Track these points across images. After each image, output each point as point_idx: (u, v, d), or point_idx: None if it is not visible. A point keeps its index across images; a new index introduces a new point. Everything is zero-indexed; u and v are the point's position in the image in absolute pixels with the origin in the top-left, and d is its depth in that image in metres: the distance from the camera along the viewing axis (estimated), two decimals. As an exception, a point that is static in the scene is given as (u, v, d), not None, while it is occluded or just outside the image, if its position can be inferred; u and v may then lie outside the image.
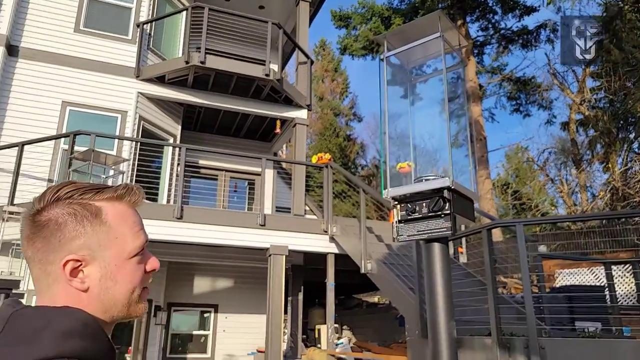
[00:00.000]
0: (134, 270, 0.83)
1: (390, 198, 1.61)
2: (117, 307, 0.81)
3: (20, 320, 0.72)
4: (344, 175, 9.60)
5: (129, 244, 0.83)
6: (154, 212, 7.17)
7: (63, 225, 0.79)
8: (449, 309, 1.55)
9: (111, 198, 0.84)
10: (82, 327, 0.74)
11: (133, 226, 0.85)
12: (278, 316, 7.29)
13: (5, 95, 7.96)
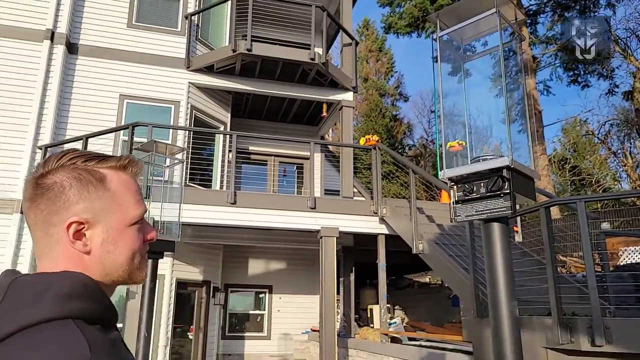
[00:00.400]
0: (134, 237, 0.86)
1: (447, 179, 1.61)
2: (117, 271, 0.83)
3: (20, 287, 0.73)
4: (392, 156, 9.53)
5: (131, 211, 0.86)
6: (208, 198, 7.45)
7: (68, 188, 0.81)
8: (510, 289, 1.55)
9: (115, 167, 0.87)
10: (82, 289, 0.75)
11: (134, 195, 0.88)
12: (330, 297, 7.43)
13: (68, 92, 8.43)
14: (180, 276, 8.31)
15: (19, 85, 8.02)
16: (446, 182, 1.62)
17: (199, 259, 8.82)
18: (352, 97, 10.04)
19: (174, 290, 8.08)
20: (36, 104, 7.94)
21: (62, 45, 8.36)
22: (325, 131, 12.52)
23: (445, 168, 1.62)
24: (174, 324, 8.07)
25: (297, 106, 10.96)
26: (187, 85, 9.04)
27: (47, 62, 8.18)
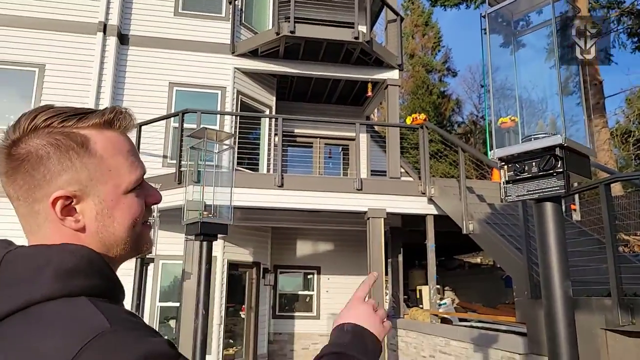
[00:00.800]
0: (133, 204, 0.75)
1: (497, 159, 1.56)
2: (119, 244, 0.74)
3: (16, 260, 0.66)
4: (440, 134, 9.32)
5: (124, 177, 0.74)
6: (256, 182, 7.60)
7: (46, 159, 0.69)
8: (563, 269, 1.49)
9: (98, 125, 0.73)
10: (87, 265, 0.68)
11: (128, 156, 0.75)
12: (379, 277, 7.45)
13: (121, 82, 8.78)
14: (231, 258, 8.57)
15: (77, 78, 8.43)
16: (496, 162, 1.57)
17: (248, 241, 9.06)
18: (397, 75, 9.84)
19: (226, 272, 8.36)
20: (93, 95, 8.33)
21: (114, 37, 8.69)
22: (370, 111, 12.38)
23: (495, 147, 1.57)
24: (227, 303, 8.38)
25: (342, 87, 10.88)
26: (233, 70, 9.17)
27: (101, 54, 8.54)
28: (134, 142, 0.81)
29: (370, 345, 0.88)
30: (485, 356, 5.93)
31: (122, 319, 0.63)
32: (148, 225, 0.81)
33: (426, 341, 7.55)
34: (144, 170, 0.78)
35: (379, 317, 0.94)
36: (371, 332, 0.90)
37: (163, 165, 8.34)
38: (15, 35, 8.44)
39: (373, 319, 0.92)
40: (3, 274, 0.65)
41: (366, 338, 0.88)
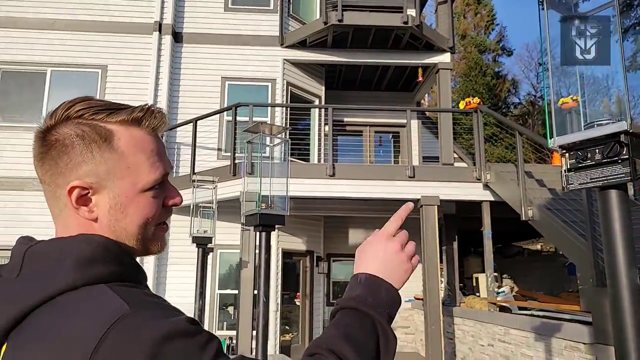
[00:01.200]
0: (148, 204, 0.76)
1: (557, 147, 1.52)
2: (130, 240, 0.75)
3: (37, 255, 0.69)
4: (496, 118, 9.01)
5: (143, 176, 0.75)
6: (308, 172, 7.69)
7: (70, 148, 0.72)
8: (630, 257, 1.44)
9: (126, 121, 0.75)
10: (104, 252, 0.70)
11: (150, 156, 0.76)
12: (433, 266, 7.37)
13: (177, 79, 9.12)
14: (285, 247, 8.77)
15: (136, 77, 8.84)
16: (556, 149, 1.52)
17: (301, 230, 9.21)
18: (449, 58, 9.59)
19: (280, 260, 8.56)
20: (151, 93, 8.71)
21: (169, 35, 9.02)
22: (421, 96, 12.15)
23: (555, 132, 1.52)
24: (282, 291, 8.59)
25: (391, 73, 10.75)
26: (282, 62, 9.28)
27: (157, 53, 8.90)
28: (162, 143, 0.80)
29: (385, 296, 0.80)
30: (547, 345, 5.75)
31: (141, 301, 0.65)
32: (163, 226, 0.81)
33: (484, 329, 7.41)
34: (166, 171, 0.78)
35: (405, 254, 0.85)
36: (386, 282, 0.81)
37: (218, 158, 8.62)
38: (78, 39, 8.95)
39: (395, 258, 0.84)
40: (25, 269, 0.68)
41: (380, 289, 0.81)
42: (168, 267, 8.34)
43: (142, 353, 0.59)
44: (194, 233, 4.24)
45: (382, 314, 0.78)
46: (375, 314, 0.77)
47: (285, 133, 6.35)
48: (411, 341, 10.52)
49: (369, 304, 0.78)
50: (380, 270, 0.83)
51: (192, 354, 0.62)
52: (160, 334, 0.61)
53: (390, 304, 0.80)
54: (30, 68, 8.82)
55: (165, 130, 0.79)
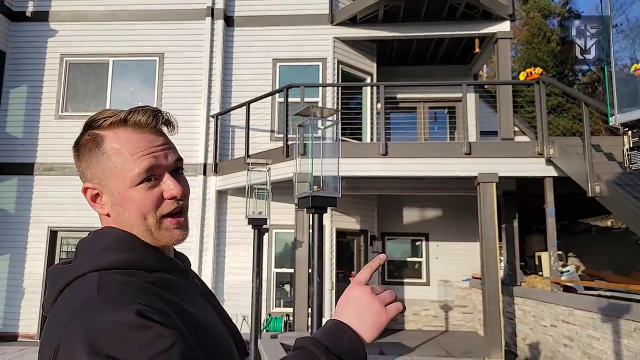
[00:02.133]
0: (142, 197, 0.81)
1: (619, 125, 1.40)
2: (137, 231, 0.83)
3: (80, 247, 0.84)
4: (560, 88, 8.49)
5: (129, 171, 0.81)
6: (360, 151, 7.65)
7: (81, 155, 0.85)
8: None
9: (114, 124, 0.83)
10: (115, 242, 0.81)
11: (134, 152, 0.81)
12: (492, 244, 7.16)
13: (229, 63, 9.28)
14: (339, 226, 8.83)
15: (191, 62, 9.09)
16: (618, 127, 1.40)
17: (355, 209, 9.23)
18: (508, 26, 9.07)
19: (334, 239, 8.64)
20: (205, 77, 8.94)
21: (221, 20, 9.16)
22: (478, 68, 11.64)
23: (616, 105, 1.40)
24: (337, 269, 8.69)
25: (446, 45, 10.36)
26: (332, 40, 9.19)
27: (211, 37, 9.08)
28: (158, 138, 0.85)
29: (346, 344, 0.77)
30: (615, 327, 5.48)
31: (112, 290, 0.74)
32: (174, 218, 0.85)
33: (546, 310, 7.16)
34: (153, 163, 0.82)
35: (377, 300, 0.82)
36: (353, 332, 0.79)
37: (271, 140, 8.75)
38: (137, 28, 9.30)
39: (368, 304, 0.81)
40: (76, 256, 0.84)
41: (343, 336, 0.78)
42: (227, 247, 8.66)
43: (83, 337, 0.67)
44: (250, 215, 4.36)
45: (331, 358, 0.75)
46: (323, 357, 0.75)
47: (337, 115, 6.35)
48: (469, 320, 10.37)
49: (322, 347, 0.76)
50: (351, 316, 0.81)
51: (133, 345, 0.67)
52: (108, 321, 0.68)
53: (349, 353, 0.77)
54: (93, 59, 9.29)
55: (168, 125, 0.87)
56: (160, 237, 0.84)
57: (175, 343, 0.69)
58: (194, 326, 0.77)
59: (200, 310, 0.83)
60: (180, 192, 0.85)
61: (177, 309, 0.77)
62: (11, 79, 9.21)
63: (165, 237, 0.85)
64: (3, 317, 8.45)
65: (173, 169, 0.87)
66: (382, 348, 8.33)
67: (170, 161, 0.86)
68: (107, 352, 0.65)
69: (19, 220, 8.67)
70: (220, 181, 8.57)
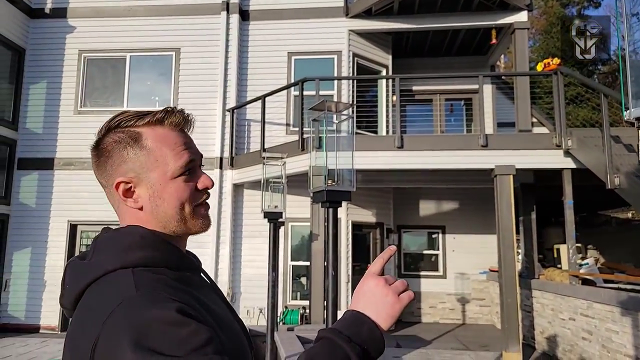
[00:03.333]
0: (180, 188, 0.88)
1: (634, 119, 1.39)
2: (171, 222, 0.88)
3: (100, 244, 0.86)
4: (578, 79, 8.34)
5: (170, 164, 0.88)
6: (376, 144, 7.63)
7: (112, 153, 0.88)
8: None
9: (150, 123, 0.89)
10: (140, 240, 0.84)
11: (174, 147, 0.89)
12: (509, 236, 7.10)
13: (245, 57, 9.31)
14: (355, 219, 8.84)
15: (207, 57, 9.15)
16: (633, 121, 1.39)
17: (370, 202, 9.22)
18: (526, 17, 8.93)
19: (350, 232, 8.66)
20: (221, 72, 8.99)
21: (236, 14, 9.19)
22: (495, 59, 11.48)
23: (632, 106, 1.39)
24: (353, 262, 8.72)
25: (462, 37, 10.24)
26: (347, 33, 9.15)
27: (226, 32, 9.12)
28: (188, 137, 0.93)
29: (366, 333, 0.81)
30: (634, 321, 5.41)
31: (150, 287, 0.77)
32: (204, 206, 0.93)
33: (565, 303, 7.10)
34: (191, 158, 0.90)
35: (391, 290, 0.86)
36: (371, 321, 0.83)
37: (286, 133, 8.78)
38: (153, 23, 9.39)
39: (382, 295, 0.85)
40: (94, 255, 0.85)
41: (363, 325, 0.82)
42: (243, 241, 8.75)
43: (128, 332, 0.70)
44: (265, 208, 4.41)
45: (355, 347, 0.79)
46: (347, 346, 0.78)
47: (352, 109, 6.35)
48: (487, 313, 10.32)
49: (344, 337, 0.80)
50: (367, 307, 0.85)
51: (174, 341, 0.70)
52: (147, 317, 0.72)
53: (370, 342, 0.81)
54: (111, 54, 9.42)
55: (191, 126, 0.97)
56: (194, 225, 0.91)
57: (211, 339, 0.73)
58: (218, 322, 0.81)
59: (217, 307, 0.88)
60: (212, 183, 0.94)
61: (203, 305, 0.82)
62: (31, 75, 9.40)
63: (198, 224, 0.91)
64: (25, 309, 8.69)
65: (200, 164, 0.96)
66: (398, 341, 8.36)
67: (199, 157, 0.94)
68: (150, 346, 0.69)
69: (40, 215, 8.88)
70: (236, 175, 8.65)
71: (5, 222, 8.93)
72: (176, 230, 0.90)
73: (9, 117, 9.15)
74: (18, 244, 8.86)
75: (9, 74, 9.23)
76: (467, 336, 8.92)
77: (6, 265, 8.82)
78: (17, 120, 9.25)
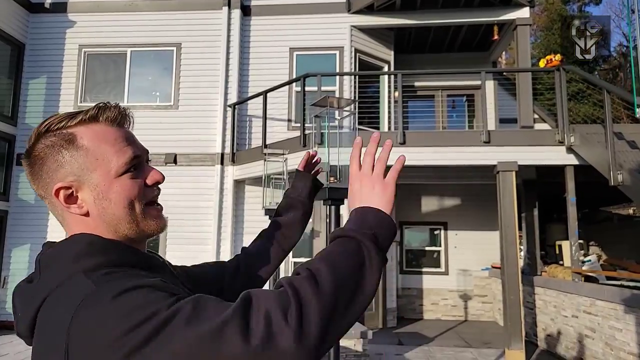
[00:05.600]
0: (128, 185, 0.82)
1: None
2: (122, 224, 0.82)
3: (44, 261, 0.79)
4: (580, 75, 8.30)
5: (113, 161, 0.81)
6: (378, 140, 7.58)
7: (45, 159, 0.81)
8: None
9: (84, 121, 0.83)
10: (87, 247, 0.78)
11: (115, 143, 0.83)
12: (511, 233, 7.08)
13: (247, 52, 9.26)
14: (358, 215, 8.79)
15: (208, 52, 9.10)
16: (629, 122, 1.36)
17: (373, 198, 9.17)
18: (527, 13, 8.87)
19: (353, 228, 8.62)
20: (222, 67, 8.94)
21: (237, 9, 9.14)
22: (497, 55, 11.42)
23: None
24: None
25: (464, 33, 10.18)
26: (349, 28, 9.10)
27: (227, 27, 9.06)
28: (128, 132, 0.87)
29: (373, 219, 0.81)
30: (638, 318, 5.39)
31: (107, 279, 0.72)
32: (156, 207, 0.88)
33: (567, 300, 7.08)
34: (135, 153, 0.85)
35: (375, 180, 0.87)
36: (373, 208, 0.83)
37: (288, 129, 8.74)
38: (154, 18, 9.33)
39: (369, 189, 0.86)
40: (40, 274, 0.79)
41: (367, 214, 0.82)
42: (244, 237, 8.72)
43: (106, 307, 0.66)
44: (267, 205, 4.37)
45: (366, 235, 0.78)
46: (358, 235, 0.78)
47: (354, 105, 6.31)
48: (489, 310, 10.32)
49: (354, 229, 0.79)
50: (364, 201, 0.85)
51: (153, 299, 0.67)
52: (120, 289, 0.68)
53: (378, 225, 0.81)
54: (111, 49, 9.36)
55: (129, 121, 0.90)
56: (147, 226, 0.85)
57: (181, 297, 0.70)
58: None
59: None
60: (162, 177, 0.88)
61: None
62: (30, 70, 9.35)
63: (151, 225, 0.86)
64: (28, 304, 8.67)
65: (146, 159, 0.89)
66: (400, 338, 8.35)
67: (144, 152, 0.88)
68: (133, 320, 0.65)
69: (38, 211, 8.83)
70: (237, 171, 8.61)
71: (3, 219, 8.90)
72: (129, 233, 0.83)
73: (8, 113, 9.11)
74: (17, 241, 8.84)
75: (9, 69, 9.19)
76: (470, 333, 8.91)
77: (4, 262, 8.80)
78: (16, 115, 9.21)
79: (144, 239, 0.88)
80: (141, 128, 8.41)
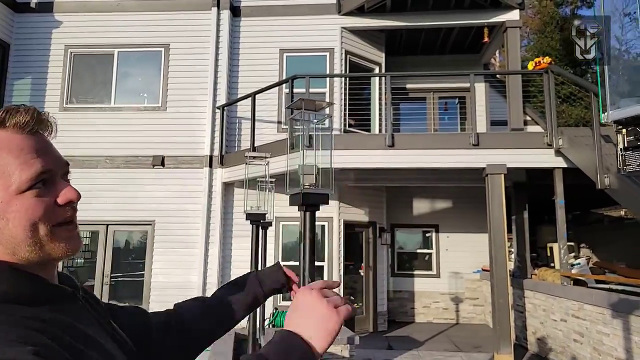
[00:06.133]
0: (31, 205, 0.70)
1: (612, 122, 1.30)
2: (21, 247, 0.71)
3: None
4: (568, 78, 8.28)
5: (14, 176, 0.70)
6: (366, 142, 7.55)
7: None
8: None
9: None
10: None
11: (19, 154, 0.71)
12: (500, 236, 7.04)
13: (236, 53, 9.19)
14: (347, 218, 8.75)
15: (197, 53, 9.02)
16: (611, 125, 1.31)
17: (363, 200, 9.14)
18: (517, 15, 8.86)
19: (342, 231, 8.58)
20: (211, 68, 8.87)
21: (227, 10, 9.07)
22: (488, 57, 11.41)
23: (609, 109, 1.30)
24: (345, 261, 8.64)
25: (455, 35, 10.16)
26: (340, 30, 9.06)
27: (217, 28, 8.99)
28: (43, 140, 0.76)
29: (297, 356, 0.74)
30: (625, 324, 5.35)
31: None
32: (67, 227, 0.76)
33: (557, 304, 7.05)
34: (45, 166, 0.73)
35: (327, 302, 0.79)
36: (305, 342, 0.75)
37: (278, 131, 8.67)
38: (142, 19, 9.24)
39: (318, 307, 0.78)
40: None
41: (293, 352, 0.74)
42: (233, 240, 8.64)
43: None
44: (247, 209, 4.30)
45: None
46: None
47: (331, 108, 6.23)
48: (480, 312, 10.28)
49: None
50: (302, 323, 0.78)
51: None
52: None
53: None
54: (98, 50, 9.26)
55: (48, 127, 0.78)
56: (53, 250, 0.73)
57: None
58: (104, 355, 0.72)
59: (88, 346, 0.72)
60: (77, 196, 0.76)
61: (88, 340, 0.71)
62: (15, 70, 9.22)
63: (59, 249, 0.74)
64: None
65: (62, 174, 0.78)
66: (390, 342, 8.30)
67: (60, 165, 0.77)
68: None
69: None
70: (226, 173, 8.54)
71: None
72: (30, 257, 0.71)
73: (-5, 114, 8.99)
74: None
75: (-5, 70, 9.08)
76: (460, 337, 8.87)
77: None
78: (3, 117, 9.09)
79: (52, 263, 0.77)
80: (128, 130, 8.33)
